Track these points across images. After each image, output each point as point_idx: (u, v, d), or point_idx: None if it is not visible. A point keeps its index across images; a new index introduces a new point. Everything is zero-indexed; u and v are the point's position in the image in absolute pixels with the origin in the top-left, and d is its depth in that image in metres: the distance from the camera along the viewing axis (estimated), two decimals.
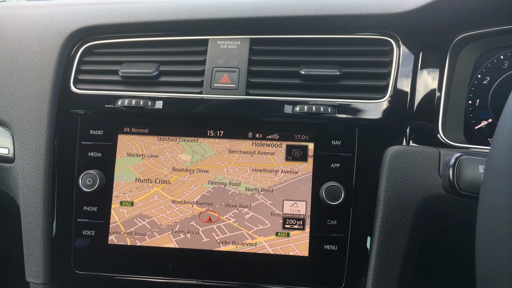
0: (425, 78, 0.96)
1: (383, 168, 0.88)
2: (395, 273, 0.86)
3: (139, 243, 0.93)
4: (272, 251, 0.91)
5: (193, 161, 0.95)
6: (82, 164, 0.95)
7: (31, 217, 0.94)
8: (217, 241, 0.93)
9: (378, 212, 0.87)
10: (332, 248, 0.90)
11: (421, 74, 0.96)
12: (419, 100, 0.94)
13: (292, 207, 0.92)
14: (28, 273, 0.94)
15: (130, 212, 0.95)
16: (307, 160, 0.93)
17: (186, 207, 0.94)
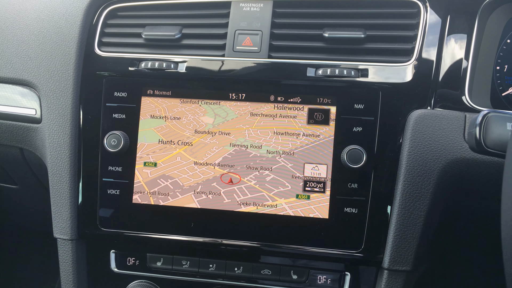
0: (452, 42, 0.94)
1: (407, 131, 0.88)
2: (415, 238, 0.87)
3: (162, 202, 0.96)
4: (292, 213, 0.92)
5: (215, 123, 0.96)
6: (106, 125, 0.97)
7: (58, 176, 0.97)
8: (238, 202, 0.94)
9: (400, 176, 0.87)
10: (352, 211, 0.90)
11: (448, 38, 0.93)
12: (446, 64, 0.92)
13: (313, 170, 0.92)
14: (55, 229, 0.97)
15: (153, 173, 0.97)
16: (329, 123, 0.92)
17: (208, 168, 0.96)
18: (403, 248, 0.87)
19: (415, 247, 0.86)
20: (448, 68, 0.92)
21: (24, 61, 1.01)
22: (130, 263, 0.99)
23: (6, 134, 1.04)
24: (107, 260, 0.99)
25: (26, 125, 1.02)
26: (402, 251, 0.87)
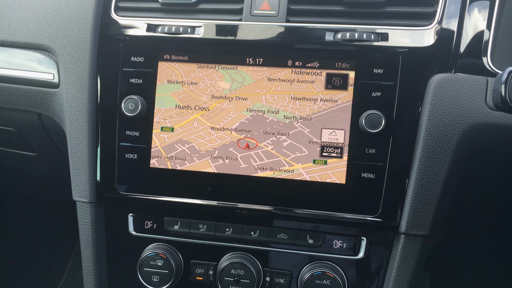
0: (476, 5, 0.91)
1: (427, 96, 0.86)
2: (433, 203, 0.86)
3: (179, 167, 0.96)
4: (308, 178, 0.92)
5: (232, 88, 0.96)
6: (124, 90, 0.97)
7: (76, 140, 0.98)
8: (255, 167, 0.94)
9: (419, 141, 0.86)
10: (369, 176, 0.90)
11: (471, 1, 0.91)
12: (468, 28, 0.90)
13: (330, 136, 0.92)
14: (75, 192, 0.99)
15: (170, 138, 0.97)
16: (347, 88, 0.91)
17: (225, 133, 0.96)
18: (421, 212, 0.86)
19: (433, 212, 0.86)
20: (470, 32, 0.90)
21: (41, 25, 1.01)
22: (148, 227, 1.00)
23: (24, 99, 1.05)
24: (125, 223, 1.01)
25: (44, 90, 1.03)
26: (420, 215, 0.86)
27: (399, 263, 0.90)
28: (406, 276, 0.90)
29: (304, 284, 0.93)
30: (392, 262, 0.91)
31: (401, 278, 0.90)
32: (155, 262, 0.97)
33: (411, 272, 0.90)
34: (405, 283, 0.91)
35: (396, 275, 0.91)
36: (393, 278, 0.91)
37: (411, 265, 0.89)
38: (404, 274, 0.90)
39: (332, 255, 0.94)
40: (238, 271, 0.94)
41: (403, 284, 0.91)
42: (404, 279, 0.90)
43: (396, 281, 0.91)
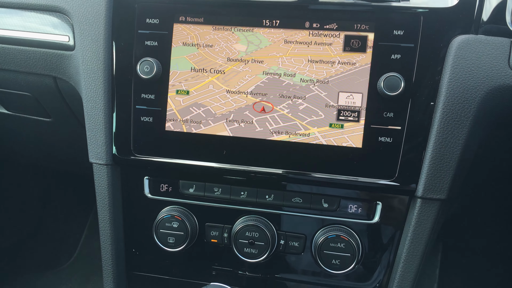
0: None
1: (448, 58, 0.84)
2: (451, 166, 0.85)
3: (195, 130, 0.96)
4: (324, 142, 0.92)
5: (248, 51, 0.95)
6: (139, 52, 0.96)
7: (92, 103, 0.98)
8: (270, 131, 0.94)
9: (439, 103, 0.85)
10: (386, 140, 0.89)
11: None
12: None
13: (347, 99, 0.91)
14: (91, 154, 1.00)
15: (186, 101, 0.97)
16: (366, 51, 0.90)
17: (240, 97, 0.95)
18: (438, 176, 0.86)
19: (451, 176, 0.85)
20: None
21: None
22: (163, 190, 1.01)
23: (39, 62, 1.05)
24: (141, 186, 1.02)
25: (60, 53, 1.03)
26: (437, 179, 0.86)
27: (415, 227, 0.89)
28: (422, 241, 0.90)
29: (318, 247, 0.93)
30: (408, 227, 0.91)
31: (416, 243, 0.90)
32: (170, 224, 0.98)
33: (426, 237, 0.90)
34: (420, 248, 0.91)
35: (411, 240, 0.90)
36: (408, 242, 0.91)
37: (427, 229, 0.89)
38: (419, 239, 0.90)
39: (347, 219, 0.94)
40: (253, 233, 0.95)
41: (418, 249, 0.91)
42: (419, 244, 0.90)
43: (411, 246, 0.91)
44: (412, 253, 0.91)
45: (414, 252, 0.91)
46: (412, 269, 0.91)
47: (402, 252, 0.92)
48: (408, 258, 0.91)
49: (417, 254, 0.91)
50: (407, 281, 0.92)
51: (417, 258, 0.91)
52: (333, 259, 0.92)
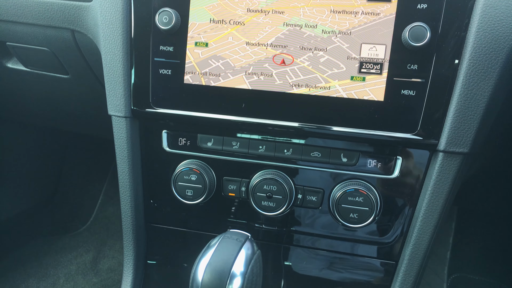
0: None
1: (477, 6, 0.81)
2: (476, 119, 0.83)
3: (213, 83, 0.95)
4: (345, 95, 0.90)
5: (269, 1, 0.92)
6: (158, 2, 0.95)
7: (111, 54, 0.97)
8: (290, 84, 0.92)
9: (465, 54, 0.82)
10: (409, 93, 0.87)
11: None
12: None
13: (370, 51, 0.89)
14: (110, 106, 1.00)
15: (204, 53, 0.96)
16: (391, 0, 0.87)
17: (260, 49, 0.93)
18: (462, 129, 0.84)
19: (475, 129, 0.83)
20: None
21: None
22: (182, 143, 1.01)
23: (57, 14, 1.05)
24: (159, 140, 1.02)
25: (77, 4, 1.02)
26: (461, 132, 0.84)
27: (436, 182, 0.88)
28: (442, 196, 0.89)
29: (336, 201, 0.93)
30: (428, 181, 0.90)
31: (436, 198, 0.89)
32: (189, 176, 0.98)
33: (446, 192, 0.89)
34: (440, 203, 0.90)
35: (431, 194, 0.89)
36: (428, 197, 0.90)
37: (448, 184, 0.88)
38: (439, 194, 0.89)
39: (366, 174, 0.93)
40: (271, 187, 0.95)
41: (438, 204, 0.90)
42: (439, 199, 0.89)
43: (430, 201, 0.90)
44: (432, 208, 0.90)
45: (434, 207, 0.90)
46: (430, 224, 0.91)
47: (421, 207, 0.91)
48: (427, 213, 0.90)
49: (436, 210, 0.90)
50: (425, 237, 0.92)
51: (436, 213, 0.90)
52: (351, 213, 0.92)
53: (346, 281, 1.01)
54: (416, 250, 0.92)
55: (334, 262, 1.00)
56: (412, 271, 0.92)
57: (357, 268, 0.99)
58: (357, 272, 1.00)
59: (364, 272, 0.99)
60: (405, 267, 0.93)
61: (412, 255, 0.92)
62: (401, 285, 0.93)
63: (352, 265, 1.00)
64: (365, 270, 0.98)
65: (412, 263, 0.92)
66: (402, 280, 0.93)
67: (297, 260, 1.02)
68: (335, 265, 1.00)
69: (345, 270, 1.00)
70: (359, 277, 1.00)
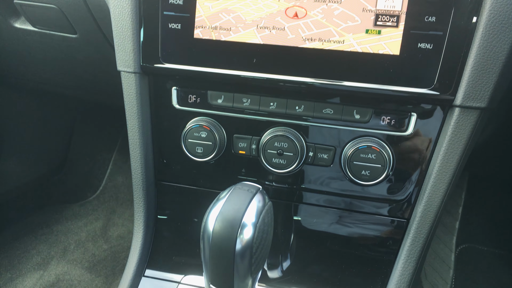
0: None
1: None
2: (495, 72, 0.80)
3: (224, 38, 0.93)
4: (360, 49, 0.88)
5: None
6: None
7: (120, 8, 0.95)
8: (303, 38, 0.90)
9: (486, 5, 0.79)
10: (426, 46, 0.84)
11: None
12: None
13: (386, 2, 0.86)
14: (119, 62, 0.98)
15: (215, 6, 0.93)
16: None
17: (272, 1, 0.91)
18: (480, 83, 0.81)
19: (493, 83, 0.81)
20: None
21: None
22: (191, 100, 1.00)
23: None
24: (169, 97, 1.00)
25: None
26: (478, 86, 0.82)
27: (451, 138, 0.86)
28: (456, 152, 0.87)
29: (348, 158, 0.91)
30: (443, 138, 0.88)
31: (451, 155, 0.88)
32: (199, 133, 0.97)
33: (461, 149, 0.87)
34: (454, 161, 0.88)
35: (446, 151, 0.88)
36: (442, 153, 0.88)
37: (463, 140, 0.86)
38: (454, 151, 0.87)
39: (379, 131, 0.92)
40: (282, 144, 0.94)
41: (452, 163, 0.88)
42: (453, 156, 0.88)
43: (445, 158, 0.88)
44: (446, 166, 0.89)
45: (448, 165, 0.89)
46: (444, 182, 0.90)
47: (435, 165, 0.89)
48: (441, 171, 0.89)
49: (450, 168, 0.89)
50: (438, 195, 0.90)
51: (450, 171, 0.89)
52: (363, 170, 0.91)
53: (357, 238, 1.01)
54: (428, 208, 0.91)
55: (345, 220, 1.00)
56: (424, 229, 0.91)
57: (368, 227, 0.99)
58: (368, 231, 0.99)
59: (375, 231, 0.98)
60: (416, 224, 0.92)
61: (424, 212, 0.91)
62: (412, 243, 0.92)
63: (363, 223, 0.99)
64: (376, 229, 0.98)
65: (424, 221, 0.91)
66: (413, 238, 0.92)
67: (308, 217, 1.02)
68: (346, 223, 1.00)
69: (356, 227, 1.00)
70: (370, 236, 0.99)
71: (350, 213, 0.98)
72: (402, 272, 0.91)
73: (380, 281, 0.95)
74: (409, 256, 0.92)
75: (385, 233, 0.97)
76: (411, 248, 0.92)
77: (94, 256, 2.18)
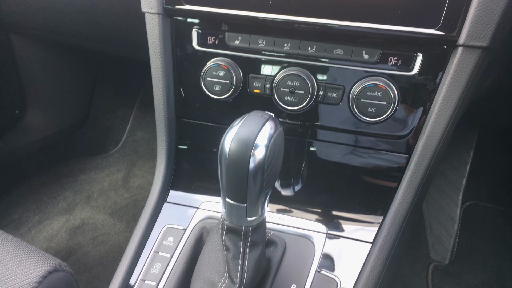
0: None
1: None
2: (496, 14, 0.84)
3: None
4: None
5: None
6: None
7: None
8: None
9: None
10: None
11: None
12: None
13: None
14: (143, 4, 1.05)
15: None
16: None
17: None
18: (483, 23, 0.86)
19: (496, 22, 0.85)
20: None
21: None
22: (210, 42, 1.06)
23: None
24: (190, 38, 1.07)
25: None
26: (481, 25, 0.86)
27: (453, 76, 0.92)
28: (457, 91, 0.93)
29: (355, 96, 0.98)
30: (446, 76, 0.93)
31: (452, 93, 0.93)
32: (217, 72, 1.04)
33: (462, 87, 0.92)
34: (454, 99, 0.94)
35: (447, 89, 0.93)
36: (444, 92, 0.93)
37: (464, 78, 0.91)
38: (455, 89, 0.93)
39: (386, 71, 0.97)
40: (294, 82, 1.00)
41: (452, 100, 0.94)
42: (454, 95, 0.93)
43: (446, 96, 0.94)
44: (446, 103, 0.94)
45: (448, 102, 0.94)
46: (444, 118, 0.95)
47: (436, 102, 0.95)
48: (442, 107, 0.94)
49: (451, 105, 0.94)
50: (438, 131, 0.96)
51: (450, 108, 0.94)
52: (369, 107, 0.97)
53: (361, 171, 1.07)
54: (428, 142, 0.97)
55: (351, 155, 1.07)
56: (423, 163, 0.98)
57: (372, 161, 1.06)
58: (372, 165, 1.06)
59: (378, 165, 1.05)
60: (417, 158, 0.98)
61: (424, 147, 0.97)
62: (412, 175, 0.99)
63: (367, 158, 1.06)
64: (379, 163, 1.05)
65: (423, 155, 0.98)
66: (413, 171, 0.99)
67: (316, 152, 1.09)
68: (351, 157, 1.07)
69: (361, 162, 1.06)
70: (373, 169, 1.06)
71: (355, 149, 1.05)
72: (402, 201, 0.99)
73: (381, 209, 1.03)
74: (409, 187, 0.99)
75: (387, 167, 1.04)
76: (411, 180, 0.99)
77: (116, 203, 2.31)
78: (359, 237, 1.01)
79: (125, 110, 2.72)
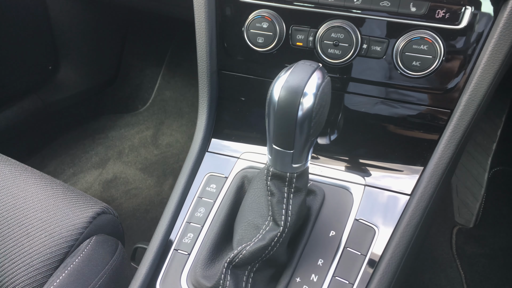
0: None
1: None
2: None
3: None
4: None
5: None
6: None
7: None
8: None
9: None
10: None
11: None
12: None
13: None
14: None
15: None
16: None
17: None
18: None
19: None
20: None
21: None
22: None
23: None
24: None
25: None
26: None
27: (501, 31, 0.90)
28: (504, 47, 0.91)
29: (400, 50, 0.97)
30: (494, 31, 0.92)
31: (499, 49, 0.91)
32: (261, 24, 1.05)
33: (510, 43, 0.91)
34: (501, 54, 0.92)
35: (494, 45, 0.91)
36: (491, 47, 0.92)
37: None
38: (503, 45, 0.91)
39: (433, 24, 0.96)
40: (338, 35, 1.00)
41: (500, 55, 0.92)
42: (501, 50, 0.91)
43: (493, 51, 0.92)
44: (493, 58, 0.93)
45: (495, 57, 0.93)
46: (490, 74, 0.94)
47: (483, 57, 0.94)
48: (489, 62, 0.93)
49: (497, 60, 0.93)
50: (482, 86, 0.95)
51: (497, 63, 0.93)
52: (414, 60, 0.97)
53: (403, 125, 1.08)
54: (472, 97, 0.97)
55: (392, 109, 1.07)
56: (466, 118, 0.98)
57: (414, 115, 1.06)
58: (414, 118, 1.06)
59: (421, 119, 1.05)
60: (460, 113, 0.98)
61: (468, 102, 0.97)
62: (453, 129, 0.99)
63: (410, 111, 1.06)
64: (421, 117, 1.05)
65: (466, 111, 0.98)
66: (455, 125, 0.99)
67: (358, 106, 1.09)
68: (393, 111, 1.07)
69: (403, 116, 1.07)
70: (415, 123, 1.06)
71: (397, 103, 1.06)
72: (442, 154, 1.00)
73: (421, 162, 1.04)
74: (450, 141, 1.00)
75: (428, 121, 1.04)
76: (452, 134, 0.99)
77: (146, 159, 2.38)
78: (397, 189, 1.03)
79: (153, 68, 2.74)
